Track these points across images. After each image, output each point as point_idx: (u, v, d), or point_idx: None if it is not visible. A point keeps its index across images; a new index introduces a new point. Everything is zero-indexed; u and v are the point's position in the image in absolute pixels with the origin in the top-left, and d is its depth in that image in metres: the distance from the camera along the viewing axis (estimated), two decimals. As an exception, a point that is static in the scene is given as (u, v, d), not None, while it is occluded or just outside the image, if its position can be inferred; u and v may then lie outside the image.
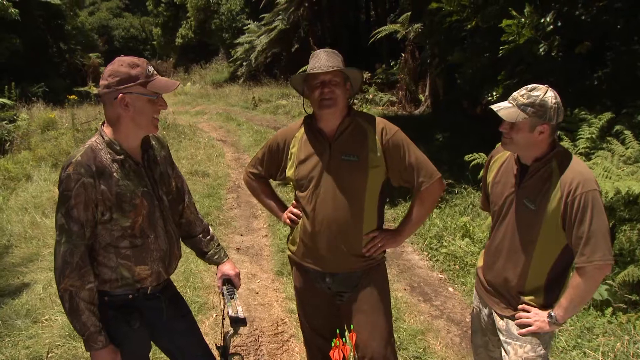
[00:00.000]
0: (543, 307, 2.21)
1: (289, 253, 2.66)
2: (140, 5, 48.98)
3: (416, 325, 4.05)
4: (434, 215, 6.32)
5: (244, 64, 22.78)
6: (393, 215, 6.72)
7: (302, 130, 2.51)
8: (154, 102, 1.99)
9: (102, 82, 1.96)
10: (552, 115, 2.04)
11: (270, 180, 2.77)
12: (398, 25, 12.79)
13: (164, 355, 2.45)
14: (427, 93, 12.63)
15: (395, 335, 3.77)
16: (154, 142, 2.22)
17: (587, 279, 2.03)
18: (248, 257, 5.63)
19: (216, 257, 2.42)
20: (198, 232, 2.42)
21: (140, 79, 1.93)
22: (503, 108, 2.09)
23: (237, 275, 2.41)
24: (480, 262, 2.49)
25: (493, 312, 2.37)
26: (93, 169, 1.93)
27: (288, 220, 2.59)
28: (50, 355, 3.57)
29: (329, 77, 2.31)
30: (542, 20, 5.56)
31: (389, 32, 13.16)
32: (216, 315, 4.17)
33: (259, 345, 3.81)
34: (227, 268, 2.40)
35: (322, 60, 2.32)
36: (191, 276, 4.86)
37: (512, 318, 2.26)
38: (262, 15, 20.53)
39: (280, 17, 19.48)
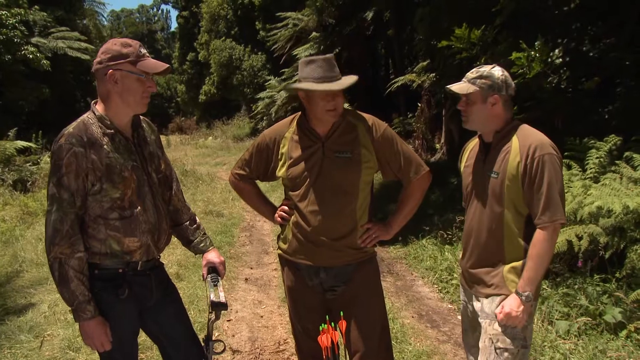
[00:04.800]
0: None
1: (280, 252, 2.62)
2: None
3: (422, 348, 3.93)
4: (445, 251, 6.24)
5: (264, 118, 23.16)
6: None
7: (292, 129, 2.51)
8: (143, 81, 2.05)
9: (95, 60, 2.04)
10: (501, 86, 2.21)
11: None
12: (414, 75, 13.01)
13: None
14: (442, 140, 12.69)
15: (399, 356, 3.67)
16: (144, 125, 2.28)
17: (546, 240, 2.08)
18: (256, 287, 5.58)
19: (202, 245, 2.43)
20: (185, 220, 2.43)
21: (130, 57, 2.01)
22: (455, 85, 2.29)
23: (222, 263, 2.41)
24: (461, 255, 2.49)
25: (473, 299, 2.36)
26: (84, 139, 1.98)
27: (279, 219, 2.57)
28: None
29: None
30: (551, 54, 5.62)
31: (405, 82, 13.38)
32: (218, 335, 4.10)
33: (259, 362, 3.73)
34: (212, 256, 2.41)
35: (326, 72, 2.34)
36: (196, 299, 4.83)
37: (486, 296, 2.26)
38: (283, 70, 21.07)
39: (299, 72, 19.95)
